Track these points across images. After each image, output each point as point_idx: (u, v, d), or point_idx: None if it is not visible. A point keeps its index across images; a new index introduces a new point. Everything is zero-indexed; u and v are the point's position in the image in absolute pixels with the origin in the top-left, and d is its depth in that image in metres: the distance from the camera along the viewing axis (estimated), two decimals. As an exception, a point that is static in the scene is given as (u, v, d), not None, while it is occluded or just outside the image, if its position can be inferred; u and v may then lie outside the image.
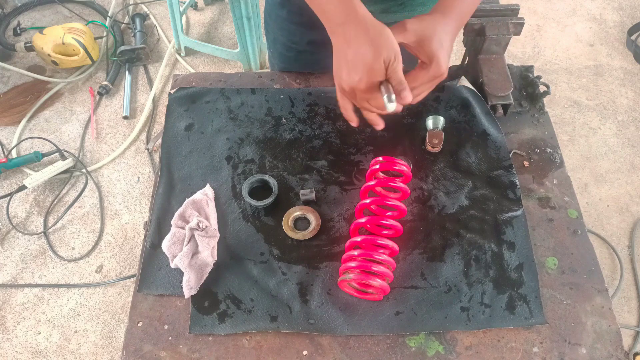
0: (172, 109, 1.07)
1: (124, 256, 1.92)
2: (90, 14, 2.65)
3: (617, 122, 2.28)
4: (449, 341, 0.81)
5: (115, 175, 2.11)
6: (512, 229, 0.91)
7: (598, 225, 1.99)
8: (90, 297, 1.83)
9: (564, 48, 2.56)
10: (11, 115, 2.25)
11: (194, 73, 1.17)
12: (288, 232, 0.90)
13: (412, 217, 0.92)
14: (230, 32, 2.61)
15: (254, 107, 1.06)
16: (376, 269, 0.78)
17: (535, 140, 1.03)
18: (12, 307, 1.80)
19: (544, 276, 0.87)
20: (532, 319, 0.82)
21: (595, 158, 2.18)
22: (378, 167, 0.85)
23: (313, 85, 1.11)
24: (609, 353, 0.80)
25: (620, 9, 2.72)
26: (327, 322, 0.82)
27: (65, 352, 1.72)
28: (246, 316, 0.83)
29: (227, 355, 0.80)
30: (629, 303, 1.84)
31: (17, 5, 2.62)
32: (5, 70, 2.38)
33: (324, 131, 1.03)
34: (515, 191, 0.94)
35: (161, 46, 2.56)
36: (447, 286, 0.85)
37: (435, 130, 0.98)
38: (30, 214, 2.00)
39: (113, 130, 2.25)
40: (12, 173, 2.09)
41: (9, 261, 1.89)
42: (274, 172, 0.98)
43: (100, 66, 2.46)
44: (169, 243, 0.87)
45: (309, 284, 0.86)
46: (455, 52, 2.48)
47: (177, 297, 0.85)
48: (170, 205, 0.94)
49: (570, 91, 2.39)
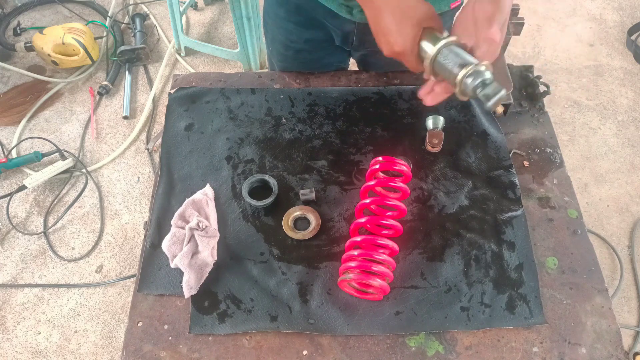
0: (172, 109, 1.07)
1: (124, 256, 1.92)
2: (90, 14, 2.65)
3: (617, 122, 2.28)
4: (449, 341, 0.81)
5: (115, 175, 2.11)
6: (512, 229, 0.91)
7: (598, 225, 1.99)
8: (90, 297, 1.82)
9: (564, 48, 2.56)
10: (11, 115, 2.25)
11: (194, 73, 1.17)
12: (288, 232, 0.90)
13: (412, 217, 0.92)
14: (230, 32, 2.61)
15: (254, 107, 1.06)
16: (376, 268, 0.79)
17: (535, 140, 1.03)
18: (12, 307, 1.80)
19: (544, 276, 0.87)
20: (532, 318, 0.82)
21: (595, 158, 2.17)
22: (378, 167, 0.85)
23: (313, 85, 1.11)
24: (609, 353, 0.80)
25: (620, 9, 2.72)
26: (327, 322, 0.82)
27: (65, 352, 1.72)
28: (246, 316, 0.83)
29: (227, 355, 0.80)
30: (629, 303, 1.83)
31: (17, 5, 2.62)
32: (5, 70, 2.38)
33: (324, 131, 1.03)
34: (515, 191, 0.94)
35: (161, 46, 2.56)
36: (447, 286, 0.85)
37: (435, 130, 0.98)
38: (30, 214, 2.00)
39: (113, 130, 2.25)
40: (12, 173, 2.09)
41: (9, 261, 1.89)
42: (274, 172, 0.98)
43: (100, 66, 2.46)
44: (169, 243, 0.87)
45: (309, 283, 0.86)
46: (455, 52, 2.48)
47: (177, 297, 0.85)
48: (170, 205, 0.94)
49: (570, 91, 2.39)
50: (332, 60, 1.19)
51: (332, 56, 1.17)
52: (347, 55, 1.21)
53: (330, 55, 1.17)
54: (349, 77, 1.12)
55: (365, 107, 1.06)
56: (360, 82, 1.11)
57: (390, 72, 1.12)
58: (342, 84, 1.11)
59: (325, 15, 1.03)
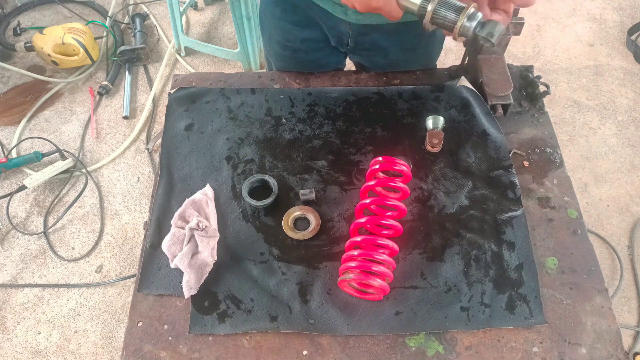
0: (172, 109, 1.07)
1: (124, 256, 1.92)
2: (90, 14, 2.65)
3: (617, 122, 2.28)
4: (449, 341, 0.81)
5: (115, 175, 2.11)
6: (512, 229, 0.91)
7: (598, 225, 1.99)
8: (90, 297, 1.83)
9: (564, 48, 2.56)
10: (11, 115, 2.25)
11: (194, 73, 1.17)
12: (288, 232, 0.90)
13: (412, 217, 0.92)
14: (230, 32, 2.61)
15: (253, 107, 1.06)
16: (376, 268, 0.78)
17: (535, 140, 1.03)
18: (12, 307, 1.80)
19: (544, 276, 0.87)
20: (532, 318, 0.82)
21: (595, 158, 2.17)
22: (378, 167, 0.85)
23: (313, 85, 1.11)
24: (609, 353, 0.80)
25: (620, 9, 2.72)
26: (327, 322, 0.82)
27: (65, 352, 1.72)
28: (246, 316, 0.83)
29: (227, 355, 0.80)
30: (629, 303, 1.83)
31: (17, 5, 2.62)
32: (5, 70, 2.38)
33: (324, 131, 1.03)
34: (515, 191, 0.94)
35: (161, 46, 2.56)
36: (447, 286, 0.85)
37: (435, 130, 0.98)
38: (30, 214, 2.00)
39: (113, 130, 2.25)
40: (12, 173, 2.09)
41: (9, 261, 1.89)
42: (274, 172, 0.98)
43: (100, 66, 2.46)
44: (169, 243, 0.87)
45: (309, 284, 0.86)
46: (455, 52, 2.49)
47: (177, 297, 0.85)
48: (170, 205, 0.94)
49: (570, 91, 2.39)
50: (329, 61, 1.19)
51: (329, 57, 1.17)
52: (344, 57, 1.21)
53: (327, 56, 1.17)
54: (349, 77, 1.12)
55: (365, 107, 1.06)
56: (360, 82, 1.11)
57: (390, 72, 1.12)
58: (342, 84, 1.11)
59: (320, 15, 1.03)
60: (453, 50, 2.49)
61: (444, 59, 2.44)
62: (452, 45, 2.50)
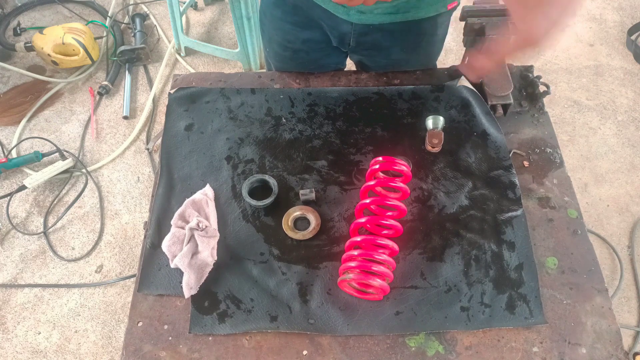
0: (172, 109, 1.07)
1: (124, 256, 1.92)
2: (90, 14, 2.65)
3: (617, 122, 2.28)
4: (449, 341, 0.81)
5: (115, 175, 2.11)
6: (512, 229, 0.91)
7: (598, 225, 1.99)
8: (90, 297, 1.82)
9: (564, 48, 2.56)
10: (11, 115, 2.25)
11: (194, 73, 1.17)
12: (288, 232, 0.90)
13: (412, 217, 0.92)
14: (230, 32, 2.61)
15: (253, 107, 1.06)
16: (376, 268, 0.78)
17: (535, 140, 1.03)
18: (12, 307, 1.80)
19: (544, 276, 0.87)
20: (532, 318, 0.82)
21: (595, 158, 2.17)
22: (378, 167, 0.85)
23: (313, 85, 1.11)
24: (609, 353, 0.80)
25: (620, 9, 2.71)
26: (327, 322, 0.82)
27: (65, 352, 1.72)
28: (246, 316, 0.83)
29: (227, 355, 0.80)
30: (629, 303, 1.83)
31: (17, 5, 2.62)
32: (5, 70, 2.38)
33: (324, 131, 1.03)
34: (515, 191, 0.94)
35: (161, 46, 2.56)
36: (447, 286, 0.85)
37: (435, 130, 0.98)
38: (30, 214, 2.00)
39: (113, 130, 2.25)
40: (12, 173, 2.09)
41: (9, 261, 1.89)
42: (274, 172, 0.98)
43: (100, 66, 2.46)
44: (169, 243, 0.87)
45: (309, 284, 0.86)
46: (455, 52, 2.49)
47: (177, 297, 0.85)
48: (170, 205, 0.94)
49: (570, 91, 2.39)
50: (329, 62, 1.19)
51: (330, 57, 1.17)
52: (344, 56, 1.21)
53: (328, 56, 1.17)
54: (349, 77, 1.12)
55: (365, 107, 1.06)
56: (360, 82, 1.11)
57: (390, 72, 1.12)
58: (342, 84, 1.11)
59: (322, 16, 1.03)
60: (453, 50, 2.49)
61: (444, 59, 2.44)
62: (452, 45, 2.50)
